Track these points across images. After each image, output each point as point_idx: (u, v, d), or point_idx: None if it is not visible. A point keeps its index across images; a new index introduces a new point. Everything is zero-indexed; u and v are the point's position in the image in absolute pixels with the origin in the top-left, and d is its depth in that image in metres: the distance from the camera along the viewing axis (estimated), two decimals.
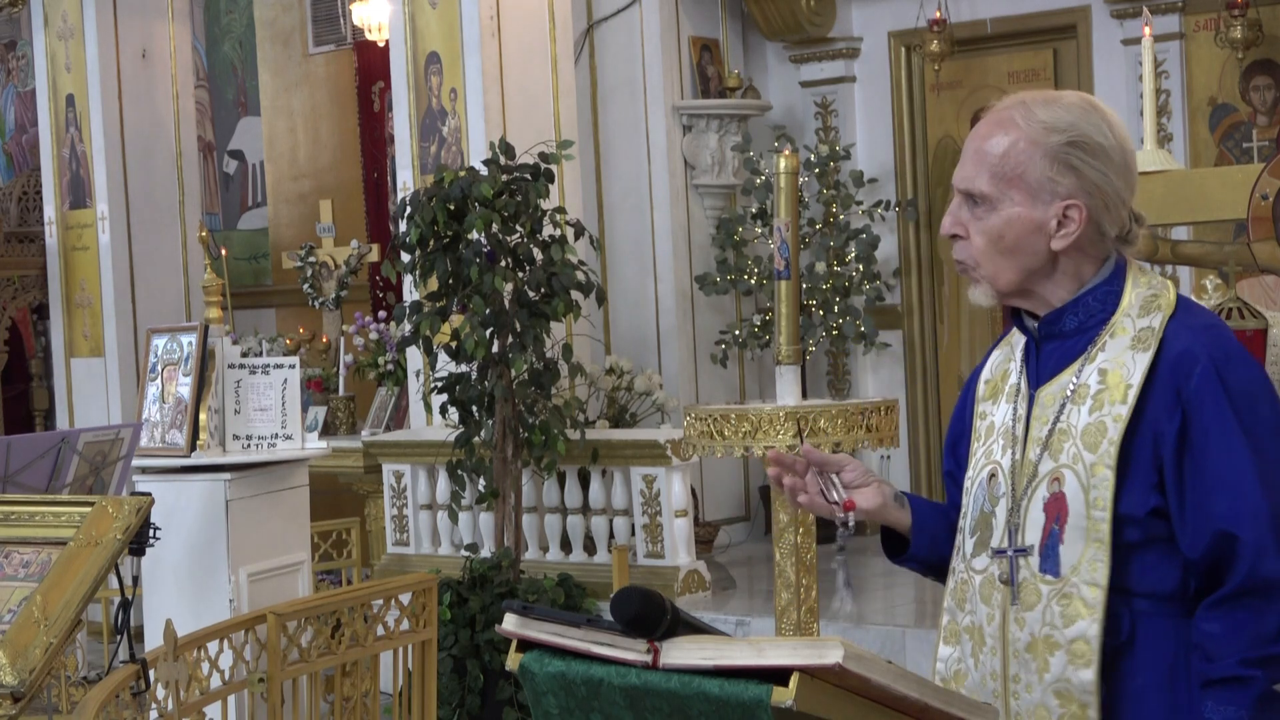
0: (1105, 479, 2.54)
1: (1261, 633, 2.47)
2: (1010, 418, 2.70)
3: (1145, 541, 2.55)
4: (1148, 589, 2.56)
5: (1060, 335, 2.66)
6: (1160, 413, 2.53)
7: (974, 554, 2.70)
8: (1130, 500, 2.54)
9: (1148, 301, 2.62)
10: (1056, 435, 2.61)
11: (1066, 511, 2.57)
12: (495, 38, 8.48)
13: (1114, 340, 2.60)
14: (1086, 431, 2.58)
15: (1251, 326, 3.45)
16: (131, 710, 4.40)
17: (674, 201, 9.72)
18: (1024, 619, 2.60)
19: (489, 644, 7.31)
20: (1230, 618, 2.48)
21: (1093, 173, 2.58)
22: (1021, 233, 2.60)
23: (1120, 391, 2.56)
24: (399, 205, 7.80)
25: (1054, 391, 2.64)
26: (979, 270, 2.64)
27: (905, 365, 9.87)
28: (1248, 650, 2.46)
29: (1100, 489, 2.54)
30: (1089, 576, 2.54)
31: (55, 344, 11.04)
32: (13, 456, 5.79)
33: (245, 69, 12.95)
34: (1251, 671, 2.46)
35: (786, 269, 4.72)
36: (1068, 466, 2.58)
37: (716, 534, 9.43)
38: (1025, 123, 2.59)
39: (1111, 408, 2.56)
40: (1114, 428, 2.55)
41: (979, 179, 2.61)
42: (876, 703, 2.25)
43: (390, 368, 9.76)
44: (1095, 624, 2.53)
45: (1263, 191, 4.47)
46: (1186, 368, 2.53)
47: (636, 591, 2.29)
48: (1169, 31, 8.68)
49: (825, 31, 9.93)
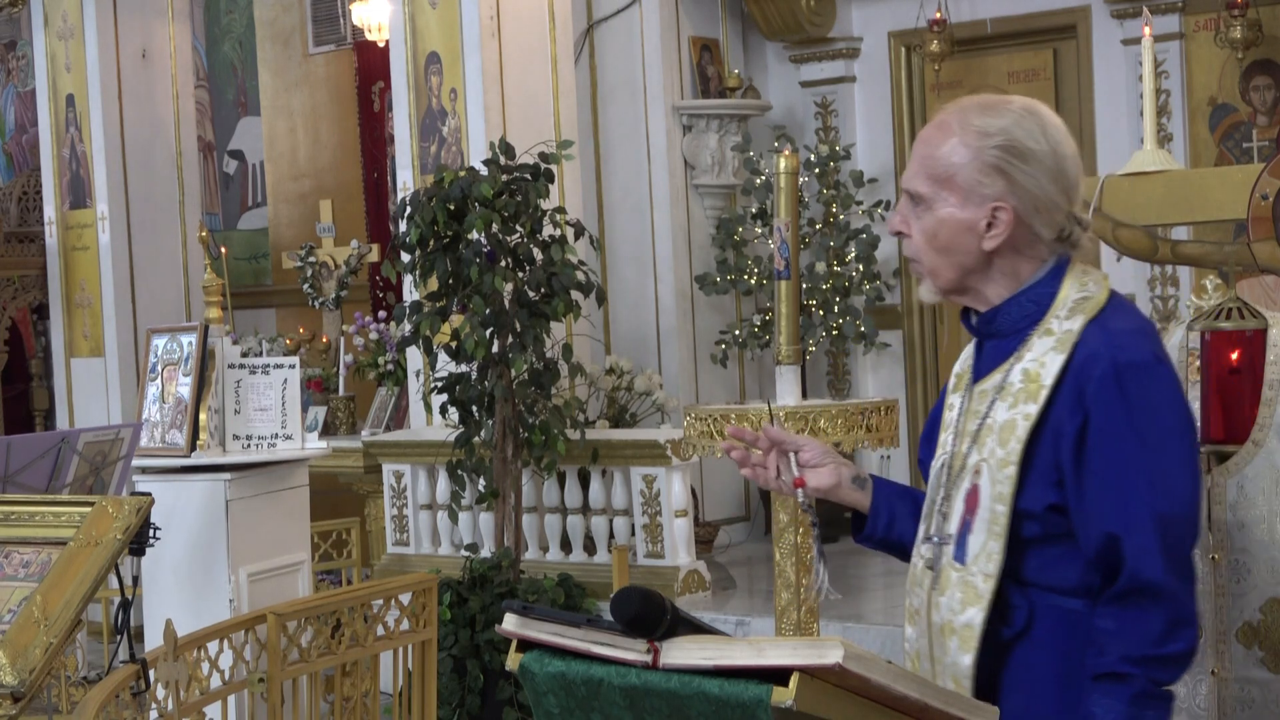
0: (1009, 475, 2.64)
1: (1148, 633, 2.54)
2: (957, 410, 2.81)
3: (1046, 537, 2.63)
4: (1049, 582, 2.64)
5: (997, 334, 2.76)
6: (1064, 413, 2.62)
7: (922, 540, 2.82)
8: (1029, 496, 2.63)
9: (1077, 303, 2.69)
10: (983, 430, 2.71)
11: (977, 504, 2.68)
12: (495, 38, 8.48)
13: (1040, 340, 2.69)
14: (1003, 428, 2.68)
15: (1251, 326, 3.45)
16: (131, 710, 4.40)
17: (674, 201, 9.72)
18: (939, 603, 2.72)
19: (489, 644, 7.31)
20: (1121, 615, 2.56)
21: (1022, 176, 2.66)
22: (953, 232, 2.70)
23: (1034, 391, 2.65)
24: (399, 205, 7.80)
25: (987, 388, 2.74)
26: (920, 267, 2.76)
27: (905, 365, 9.87)
28: (1132, 648, 2.54)
29: (1004, 484, 2.64)
30: (984, 567, 2.65)
31: (55, 344, 11.04)
32: (13, 456, 5.79)
33: (245, 69, 12.95)
34: (1132, 669, 2.54)
35: (786, 269, 4.72)
36: (985, 460, 2.68)
37: (716, 534, 9.42)
38: (960, 127, 2.69)
39: (1024, 406, 2.65)
40: (1022, 425, 2.64)
41: (917, 179, 2.72)
42: (876, 703, 2.26)
43: (390, 368, 9.76)
44: (981, 613, 2.64)
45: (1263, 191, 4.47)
46: (1090, 369, 2.61)
47: (636, 591, 2.29)
48: (1169, 31, 8.68)
49: (825, 31, 9.93)
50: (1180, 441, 2.61)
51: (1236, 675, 3.36)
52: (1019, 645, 2.66)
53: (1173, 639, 2.55)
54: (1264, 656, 3.35)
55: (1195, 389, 3.49)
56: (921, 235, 2.72)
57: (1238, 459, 3.38)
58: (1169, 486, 2.58)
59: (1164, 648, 2.54)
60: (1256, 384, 3.42)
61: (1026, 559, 2.65)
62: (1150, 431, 2.58)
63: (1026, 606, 2.65)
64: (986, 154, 2.66)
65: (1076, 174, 2.72)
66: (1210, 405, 3.45)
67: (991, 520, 2.65)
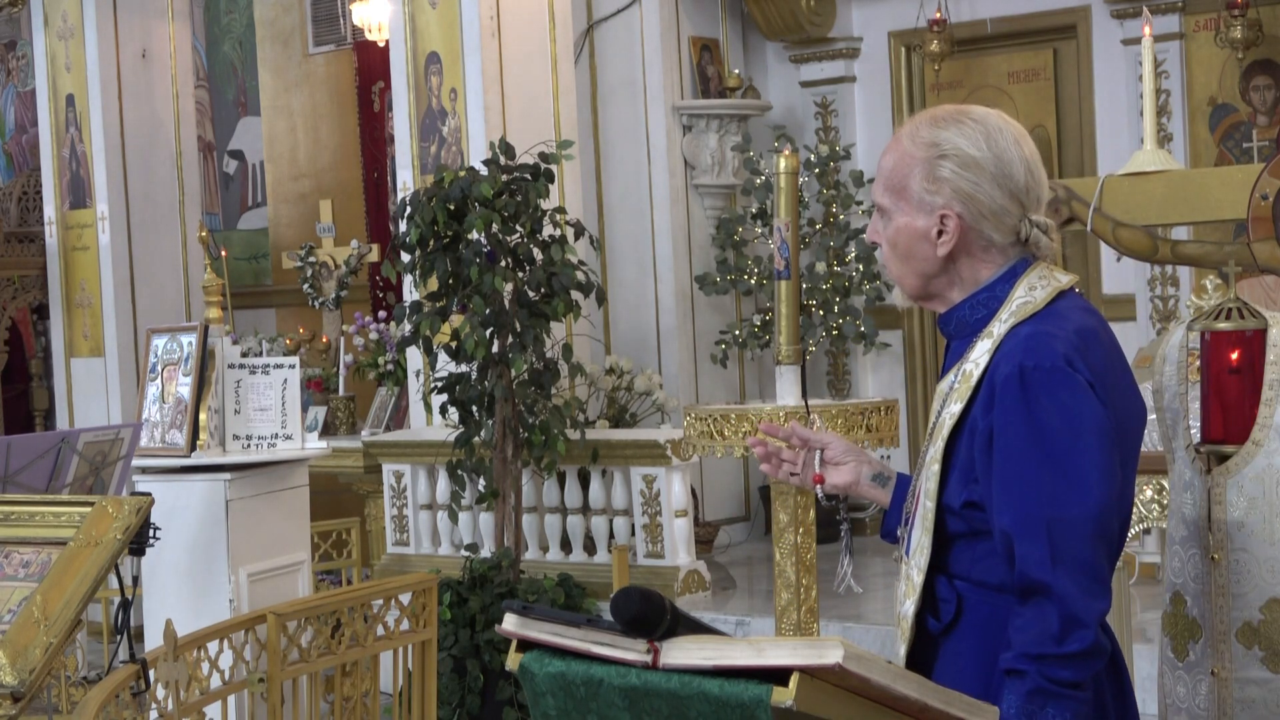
0: (935, 472, 2.75)
1: (1045, 630, 2.59)
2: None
3: (972, 533, 2.72)
4: (976, 577, 2.73)
5: (953, 336, 2.87)
6: (979, 412, 2.71)
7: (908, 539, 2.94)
8: (950, 492, 2.73)
9: (1019, 307, 2.76)
10: (936, 429, 2.81)
11: (919, 500, 2.80)
12: (495, 38, 8.48)
13: (981, 343, 2.77)
14: (937, 428, 2.79)
15: (1251, 326, 3.45)
16: (131, 710, 4.40)
17: (674, 201, 9.72)
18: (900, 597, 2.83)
19: (489, 644, 7.31)
20: (1023, 613, 2.63)
21: (966, 184, 2.76)
22: (910, 240, 2.81)
23: (963, 392, 2.74)
24: (399, 205, 7.80)
25: (943, 388, 2.85)
26: (892, 275, 2.89)
27: (905, 365, 9.87)
28: (1030, 645, 2.59)
29: (931, 480, 2.75)
30: (919, 561, 2.77)
31: (55, 344, 11.04)
32: (13, 456, 5.79)
33: (245, 69, 12.95)
34: (1026, 666, 2.59)
35: (786, 269, 4.73)
36: (927, 460, 2.79)
37: (716, 534, 9.43)
38: (910, 140, 2.80)
39: (953, 405, 2.76)
40: (949, 424, 2.74)
41: (878, 191, 2.86)
42: (876, 703, 2.26)
43: (390, 368, 9.76)
44: (914, 605, 2.76)
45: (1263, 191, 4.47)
46: (1002, 370, 2.69)
47: (636, 591, 2.29)
48: (1169, 31, 8.68)
49: (825, 31, 9.93)
50: (1080, 444, 2.62)
51: (1236, 675, 3.36)
52: (947, 638, 2.76)
53: (1069, 639, 2.58)
54: (1264, 656, 3.35)
55: (1195, 389, 3.49)
56: (887, 245, 2.85)
57: (1238, 459, 3.37)
58: (1061, 489, 2.61)
59: (1061, 646, 2.58)
60: (1256, 384, 3.42)
61: (956, 554, 2.75)
62: (1045, 434, 2.62)
63: (955, 600, 2.74)
64: (932, 164, 2.77)
65: (1027, 178, 2.77)
66: (1210, 405, 3.45)
67: (923, 515, 2.77)
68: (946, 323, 2.87)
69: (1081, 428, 2.63)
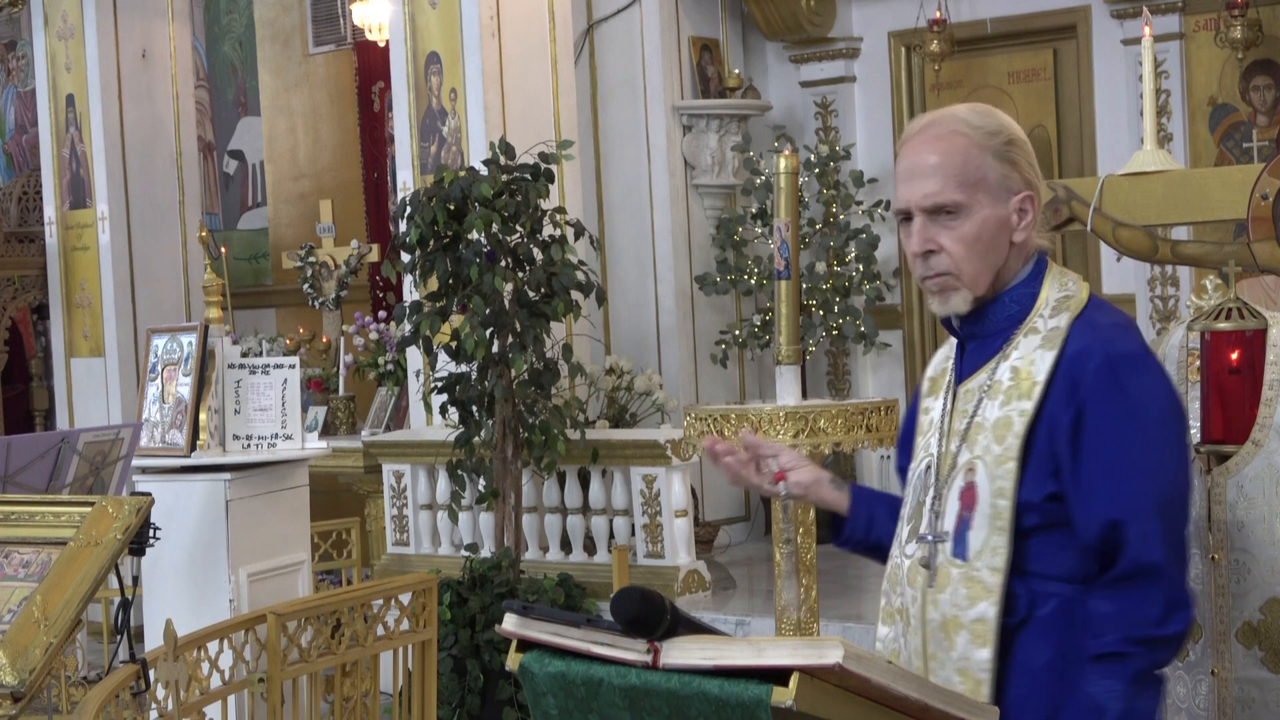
0: (1009, 470, 2.72)
1: (1146, 615, 2.63)
2: (940, 412, 2.89)
3: (1043, 526, 2.71)
4: (1046, 571, 2.72)
5: (980, 335, 2.84)
6: (1058, 406, 2.71)
7: (907, 540, 2.89)
8: (1029, 488, 2.71)
9: (1060, 302, 2.79)
10: (973, 429, 2.79)
11: (976, 500, 2.75)
12: (495, 38, 8.48)
13: (1026, 339, 2.78)
14: (996, 425, 2.76)
15: (1251, 326, 3.45)
16: (131, 710, 4.40)
17: (674, 201, 9.72)
18: (938, 600, 2.78)
19: (489, 644, 7.31)
20: (1118, 598, 2.65)
21: (1026, 166, 2.80)
22: (995, 231, 2.78)
23: (1027, 387, 2.74)
24: (399, 205, 7.80)
25: (972, 388, 2.83)
26: (961, 278, 2.80)
27: (905, 365, 9.86)
28: (1133, 629, 2.62)
29: (1004, 479, 2.72)
30: (990, 561, 2.72)
31: (55, 344, 11.04)
32: (13, 456, 5.79)
33: (245, 69, 12.95)
34: (1133, 649, 2.62)
35: (786, 269, 4.72)
36: (979, 458, 2.76)
37: (716, 534, 9.42)
38: (969, 131, 2.78)
39: (1018, 403, 2.74)
40: (1019, 421, 2.73)
41: (946, 191, 2.77)
42: (876, 703, 2.26)
43: (390, 368, 9.76)
44: (993, 606, 2.71)
45: (1263, 191, 4.47)
46: (1083, 362, 2.70)
47: (636, 591, 2.29)
48: (1169, 31, 8.68)
49: (825, 31, 9.93)
50: (1172, 428, 2.71)
51: (1236, 675, 3.36)
52: (1020, 633, 2.73)
53: (1171, 620, 2.64)
54: (1264, 656, 3.35)
55: (1195, 389, 3.49)
56: (960, 244, 2.77)
57: (1238, 459, 3.37)
58: (1165, 472, 2.69)
59: (1163, 629, 2.63)
60: (1256, 384, 3.42)
61: (1025, 549, 2.73)
62: (1145, 420, 2.67)
63: (1027, 595, 2.73)
64: (1001, 150, 2.78)
65: None
66: (1210, 405, 3.45)
67: (993, 515, 2.73)
68: (977, 320, 2.83)
69: (1169, 415, 2.71)
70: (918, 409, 3.01)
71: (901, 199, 2.81)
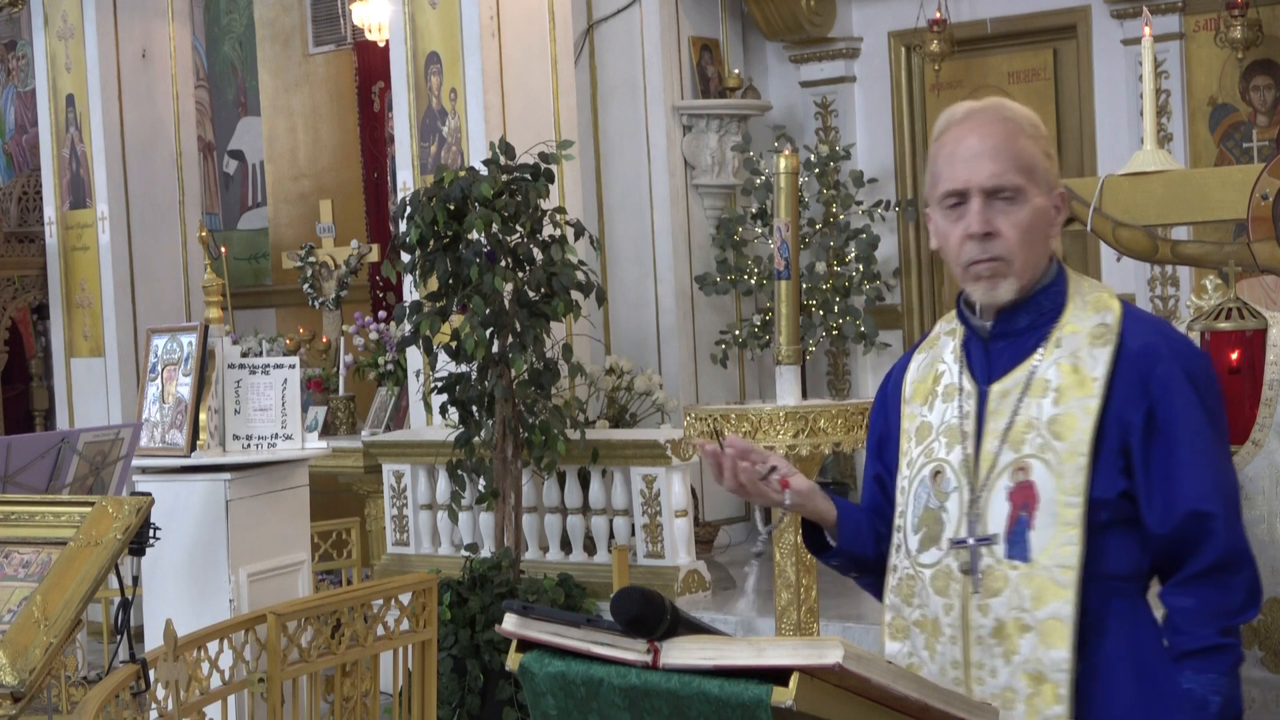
0: (1079, 466, 2.68)
1: (1231, 604, 2.65)
2: (955, 415, 2.82)
3: (1110, 523, 2.69)
4: (1111, 570, 2.70)
5: (1012, 333, 2.79)
6: (1126, 403, 2.69)
7: (920, 549, 2.81)
8: (1101, 485, 2.68)
9: (1095, 301, 2.78)
10: (1016, 428, 2.74)
11: (1036, 499, 2.69)
12: (495, 38, 8.48)
13: (1068, 337, 2.75)
14: (1054, 423, 2.71)
15: (1251, 326, 3.45)
16: (131, 710, 4.40)
17: (674, 201, 9.72)
18: (988, 605, 2.72)
19: (489, 644, 7.31)
20: (1201, 592, 2.65)
21: (1053, 162, 2.82)
22: (1043, 222, 2.77)
23: (1086, 385, 2.70)
24: (399, 205, 7.80)
25: (1008, 386, 2.77)
26: (1012, 266, 2.74)
27: None
28: (1223, 620, 2.64)
29: (1074, 476, 2.68)
30: (1060, 559, 2.67)
31: (55, 344, 11.04)
32: (13, 456, 5.79)
33: (245, 69, 12.95)
34: (1227, 640, 2.64)
35: (786, 269, 4.72)
36: (1034, 456, 2.71)
37: (716, 534, 9.42)
38: (1021, 120, 2.77)
39: (1080, 400, 2.70)
40: (1085, 418, 2.69)
41: (1008, 174, 2.73)
42: (876, 703, 2.26)
43: (390, 368, 9.76)
44: (1069, 605, 2.66)
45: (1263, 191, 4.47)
46: (1150, 361, 2.69)
47: (636, 592, 2.29)
48: (1169, 31, 8.68)
49: (825, 31, 9.93)
50: (1225, 421, 2.76)
51: None
52: (1091, 634, 2.70)
53: (1252, 606, 2.68)
54: (1264, 656, 3.36)
55: None
56: (1016, 230, 2.73)
57: (1238, 459, 3.38)
58: (1229, 463, 2.75)
59: (1245, 615, 2.67)
60: (1256, 384, 3.42)
61: (1092, 548, 2.70)
62: (1213, 414, 2.71)
63: (1096, 594, 2.70)
64: (1042, 143, 2.78)
65: None
66: None
67: (1062, 513, 2.67)
68: (1009, 320, 2.78)
69: (1223, 409, 2.75)
70: (894, 416, 2.94)
71: (958, 179, 2.74)
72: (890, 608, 2.86)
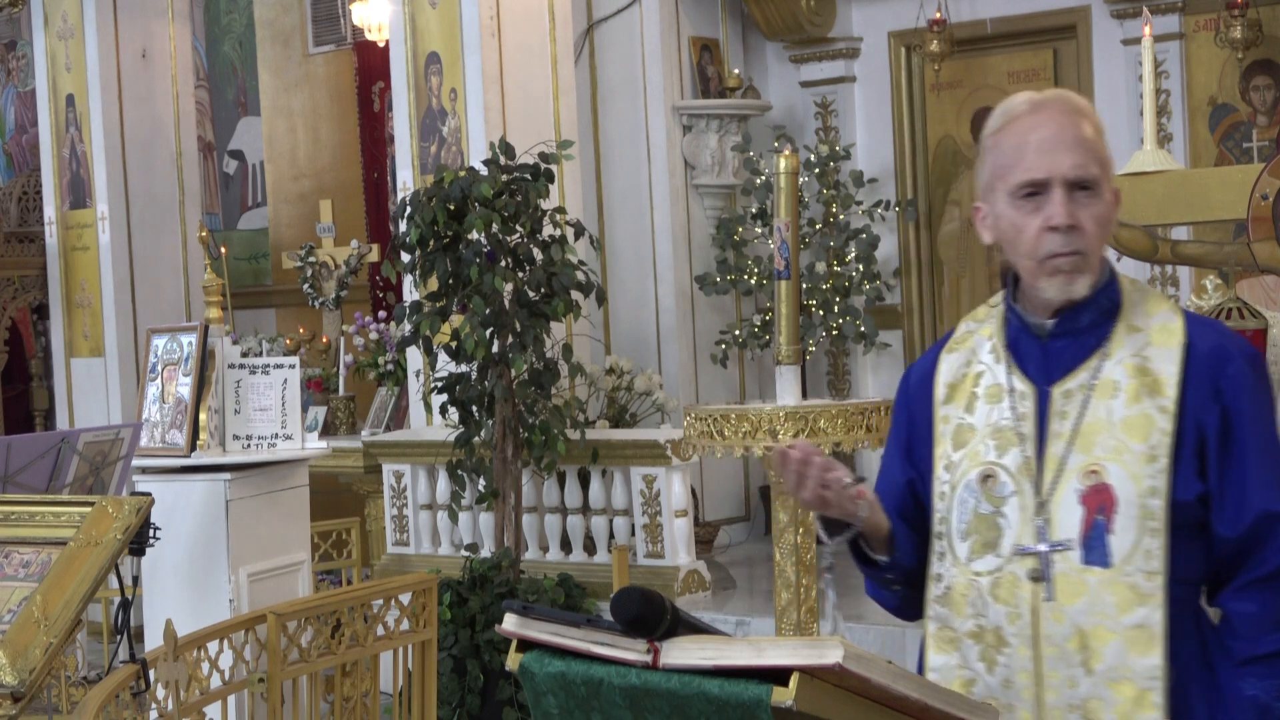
0: (1161, 467, 2.61)
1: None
2: (1007, 417, 2.71)
3: (1180, 526, 2.61)
4: (1181, 574, 2.63)
5: (1074, 332, 2.70)
6: (1200, 405, 2.62)
7: (972, 557, 2.70)
8: (1181, 487, 2.61)
9: (1150, 301, 2.72)
10: (1085, 429, 2.65)
11: (1114, 502, 2.61)
12: (495, 38, 8.48)
13: (1130, 336, 2.68)
14: (1128, 424, 2.63)
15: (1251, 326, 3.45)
16: (131, 710, 4.40)
17: (674, 201, 9.72)
18: (1063, 613, 2.62)
19: (489, 644, 7.31)
20: (1263, 597, 2.59)
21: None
22: (1111, 217, 2.71)
23: (1159, 385, 2.64)
24: (399, 205, 7.80)
25: (1071, 387, 2.68)
26: (1090, 260, 2.67)
27: (905, 365, 9.85)
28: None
29: (1156, 478, 2.60)
30: (1144, 564, 2.59)
31: (55, 344, 11.04)
32: (13, 456, 5.79)
33: (245, 69, 12.95)
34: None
35: (786, 269, 4.72)
36: (1109, 459, 2.62)
37: (716, 534, 9.42)
38: (1090, 111, 2.70)
39: (1153, 400, 2.63)
40: (1162, 419, 2.62)
41: (1089, 165, 2.65)
42: (876, 703, 2.25)
43: (390, 368, 9.76)
44: (1158, 610, 2.58)
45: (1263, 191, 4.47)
46: (1221, 362, 2.64)
47: (636, 591, 2.29)
48: (1169, 31, 8.68)
49: (825, 31, 9.93)
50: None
51: None
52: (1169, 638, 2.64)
53: None
54: None
55: None
56: (1095, 224, 2.66)
57: None
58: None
59: None
60: None
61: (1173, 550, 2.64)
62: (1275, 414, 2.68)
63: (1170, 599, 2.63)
64: (1104, 137, 2.71)
65: None
66: None
67: (1144, 516, 2.60)
68: (1073, 319, 2.69)
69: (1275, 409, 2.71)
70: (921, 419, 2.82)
71: (1040, 169, 2.63)
72: (935, 619, 2.74)
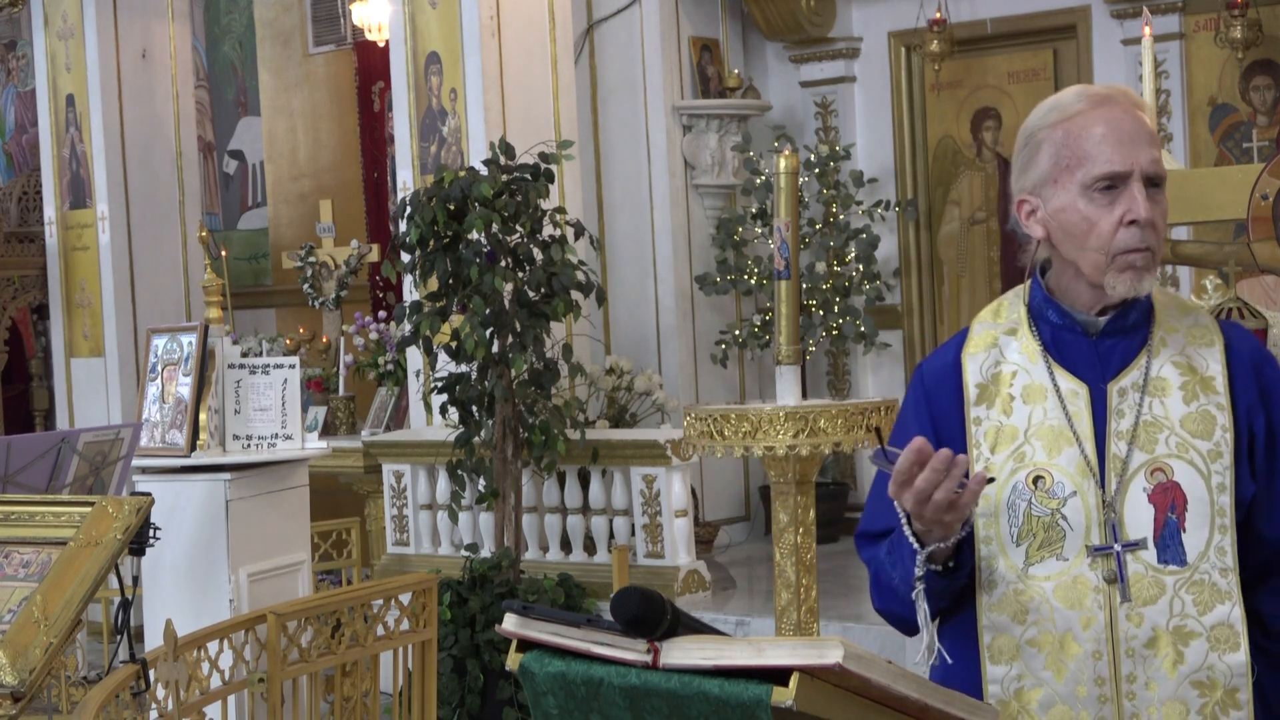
0: (1226, 464, 2.60)
1: None
2: (1055, 417, 2.65)
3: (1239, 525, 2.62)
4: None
5: (1123, 330, 2.67)
6: (1251, 410, 2.64)
7: (1031, 561, 2.63)
8: (1242, 485, 2.61)
9: (1177, 302, 2.74)
10: (1144, 427, 2.62)
11: (1184, 500, 2.59)
12: (495, 38, 8.48)
13: (1171, 336, 2.68)
14: (1189, 421, 2.62)
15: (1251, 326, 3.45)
16: (131, 710, 4.40)
17: (674, 201, 9.72)
18: (1141, 615, 2.58)
19: (489, 644, 7.31)
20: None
21: None
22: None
23: (1209, 384, 2.64)
24: (399, 205, 7.80)
25: (1125, 385, 2.65)
26: (1158, 258, 2.64)
27: (905, 365, 9.86)
28: None
29: (1223, 475, 2.60)
30: (1217, 562, 2.58)
31: (55, 344, 11.04)
32: (13, 456, 5.79)
33: (245, 69, 12.95)
34: None
35: (786, 269, 4.72)
36: (1175, 456, 2.60)
37: (716, 534, 9.43)
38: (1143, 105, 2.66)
39: (1206, 397, 2.63)
40: (1221, 416, 2.62)
41: (1161, 162, 2.62)
42: (876, 703, 2.25)
43: (390, 368, 9.76)
44: (1237, 606, 2.57)
45: (1263, 191, 4.47)
46: (1259, 364, 2.66)
47: (636, 591, 2.29)
48: (1169, 31, 8.69)
49: (825, 31, 9.93)
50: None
51: None
52: None
53: None
54: None
55: None
56: (1163, 220, 2.63)
57: None
58: None
59: None
60: None
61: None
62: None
63: None
64: None
65: None
66: None
67: (1215, 513, 2.58)
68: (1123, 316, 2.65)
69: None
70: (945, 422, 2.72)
71: (1121, 161, 2.57)
72: (990, 628, 2.66)
